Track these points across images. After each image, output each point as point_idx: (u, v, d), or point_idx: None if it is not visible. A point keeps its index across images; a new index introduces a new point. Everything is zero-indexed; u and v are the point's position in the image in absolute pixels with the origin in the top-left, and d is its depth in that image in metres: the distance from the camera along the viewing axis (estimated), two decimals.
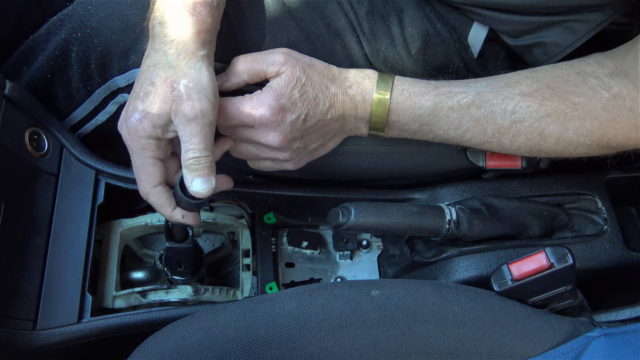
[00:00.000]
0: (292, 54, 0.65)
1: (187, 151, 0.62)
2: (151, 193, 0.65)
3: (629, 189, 0.84)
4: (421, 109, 0.67)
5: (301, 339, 0.59)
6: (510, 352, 0.60)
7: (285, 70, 0.64)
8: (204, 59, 0.62)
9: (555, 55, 0.72)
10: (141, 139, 0.62)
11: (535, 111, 0.65)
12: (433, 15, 0.75)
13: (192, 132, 0.61)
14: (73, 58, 0.73)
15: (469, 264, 0.75)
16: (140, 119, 0.61)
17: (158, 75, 0.61)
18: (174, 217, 0.67)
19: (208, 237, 0.89)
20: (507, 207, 0.75)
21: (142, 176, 0.64)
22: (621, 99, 0.62)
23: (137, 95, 0.62)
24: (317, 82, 0.65)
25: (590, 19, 0.67)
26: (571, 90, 0.64)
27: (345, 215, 0.67)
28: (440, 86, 0.67)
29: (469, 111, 0.66)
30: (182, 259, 0.75)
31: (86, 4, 0.73)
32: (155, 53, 0.62)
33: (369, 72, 0.68)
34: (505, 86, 0.66)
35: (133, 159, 0.64)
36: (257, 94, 0.65)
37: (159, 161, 0.64)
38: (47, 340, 0.65)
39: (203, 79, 0.61)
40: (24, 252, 0.65)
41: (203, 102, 0.61)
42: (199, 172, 0.62)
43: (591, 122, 0.64)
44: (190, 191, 0.63)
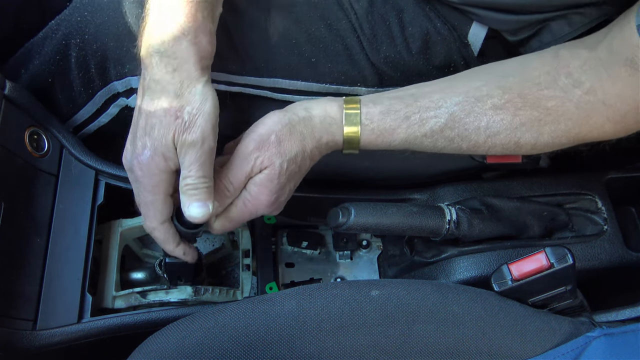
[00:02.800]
0: (262, 143, 0.64)
1: (185, 177, 0.61)
2: (158, 229, 0.65)
3: (629, 189, 0.84)
4: (393, 142, 0.66)
5: (301, 339, 0.59)
6: (510, 352, 0.60)
7: (266, 166, 0.64)
8: (206, 84, 0.62)
9: (549, 43, 0.71)
10: (155, 175, 0.62)
11: (509, 123, 0.64)
12: (433, 15, 0.75)
13: (192, 159, 0.61)
14: (73, 62, 0.73)
15: (469, 264, 0.75)
16: (152, 155, 0.61)
17: (162, 107, 0.60)
18: (177, 252, 0.68)
19: (208, 237, 0.89)
20: (507, 207, 0.75)
21: (150, 212, 0.64)
22: (593, 93, 0.61)
23: (144, 130, 0.61)
24: (295, 155, 0.65)
25: (588, 13, 0.67)
26: (543, 94, 0.63)
27: (345, 215, 0.67)
28: (411, 114, 0.65)
29: (443, 134, 0.65)
30: (182, 272, 0.75)
31: (82, 9, 0.72)
32: (157, 84, 0.61)
33: (333, 110, 0.66)
34: (477, 101, 0.64)
35: (142, 195, 0.63)
36: (247, 196, 0.66)
37: (169, 197, 0.64)
38: (47, 340, 0.64)
39: (206, 105, 0.61)
40: (24, 252, 0.65)
41: (205, 128, 0.60)
42: (196, 197, 0.62)
43: (565, 123, 0.63)
44: (187, 216, 0.62)
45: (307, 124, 0.65)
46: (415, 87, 0.68)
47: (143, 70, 0.62)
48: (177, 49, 0.60)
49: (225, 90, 0.75)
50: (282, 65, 0.74)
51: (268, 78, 0.75)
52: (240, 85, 0.75)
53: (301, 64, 0.74)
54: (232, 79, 0.74)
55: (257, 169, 0.65)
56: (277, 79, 0.75)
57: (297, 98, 0.77)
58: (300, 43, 0.73)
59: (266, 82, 0.75)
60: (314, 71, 0.75)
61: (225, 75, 0.73)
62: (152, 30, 0.61)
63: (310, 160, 0.67)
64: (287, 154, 0.64)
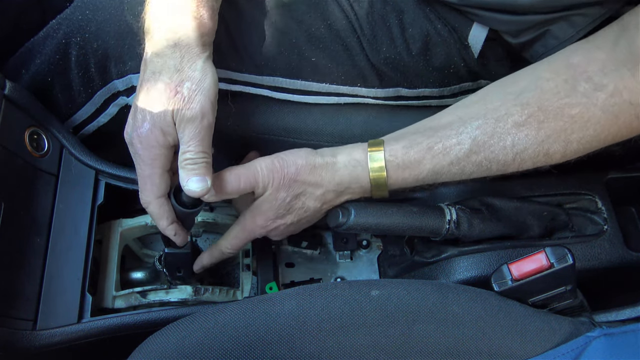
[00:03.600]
0: (280, 170, 0.66)
1: (184, 152, 0.62)
2: (153, 203, 0.65)
3: (629, 189, 0.84)
4: (421, 174, 0.66)
5: (301, 339, 0.59)
6: (510, 352, 0.60)
7: (271, 192, 0.66)
8: (206, 60, 0.62)
9: (554, 48, 0.70)
10: (153, 148, 0.62)
11: (534, 137, 0.63)
12: (433, 16, 0.75)
13: (191, 134, 0.61)
14: (73, 61, 0.73)
15: (469, 264, 0.75)
16: (151, 128, 0.61)
17: (162, 81, 0.61)
18: (168, 231, 0.68)
19: (208, 237, 0.89)
20: (507, 207, 0.75)
21: (147, 185, 0.64)
22: (618, 94, 0.60)
23: (144, 104, 0.62)
24: (302, 192, 0.67)
25: (590, 12, 0.67)
26: (564, 103, 0.62)
27: (345, 215, 0.67)
28: (434, 144, 0.65)
29: (469, 159, 0.65)
30: (181, 264, 0.75)
31: (84, 8, 0.73)
32: (157, 58, 0.62)
33: (358, 154, 0.67)
34: (497, 122, 0.64)
35: (141, 168, 0.64)
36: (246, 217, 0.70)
37: (166, 172, 0.65)
38: (47, 340, 0.65)
39: (206, 80, 0.62)
40: (24, 252, 0.65)
41: (204, 103, 0.61)
42: (195, 172, 0.62)
43: (593, 128, 0.62)
44: (186, 190, 0.63)
45: (330, 168, 0.67)
46: (433, 119, 0.69)
47: (146, 44, 0.63)
48: (179, 22, 0.61)
49: (226, 90, 0.75)
50: (282, 64, 0.74)
51: (268, 77, 0.75)
52: (240, 84, 0.75)
53: (301, 63, 0.74)
54: (232, 75, 0.74)
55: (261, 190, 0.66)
56: (277, 78, 0.75)
57: (298, 98, 0.77)
58: (301, 43, 0.73)
59: (266, 80, 0.75)
60: (314, 71, 0.75)
61: (225, 72, 0.73)
62: (156, 5, 0.62)
63: (323, 203, 0.69)
64: (294, 191, 0.67)
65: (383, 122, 0.80)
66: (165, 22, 0.61)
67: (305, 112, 0.79)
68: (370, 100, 0.80)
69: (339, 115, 0.80)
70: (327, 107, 0.80)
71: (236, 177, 0.65)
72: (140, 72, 0.64)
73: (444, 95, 0.81)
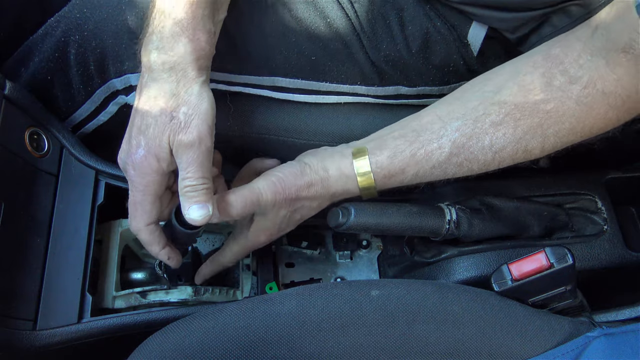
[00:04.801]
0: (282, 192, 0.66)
1: (184, 179, 0.61)
2: (143, 230, 0.65)
3: (629, 189, 0.84)
4: (405, 179, 0.68)
5: (301, 339, 0.59)
6: (510, 352, 0.60)
7: (272, 212, 0.68)
8: (203, 84, 0.62)
9: (548, 36, 0.71)
10: (147, 175, 0.62)
11: (511, 135, 0.64)
12: (433, 14, 0.75)
13: (190, 160, 0.61)
14: (72, 60, 0.73)
15: (469, 264, 0.75)
16: (145, 155, 0.61)
17: (158, 106, 0.60)
18: (161, 255, 0.68)
19: (208, 237, 0.89)
20: (507, 207, 0.75)
21: (138, 212, 0.64)
22: (592, 85, 0.61)
23: (139, 129, 0.61)
24: (300, 207, 0.70)
25: (586, 3, 0.67)
26: (539, 99, 0.63)
27: (345, 215, 0.67)
28: (416, 151, 0.66)
29: (450, 162, 0.66)
30: (182, 273, 0.76)
31: (81, 6, 0.72)
32: (154, 83, 0.61)
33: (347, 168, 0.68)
34: (475, 122, 0.65)
35: (133, 194, 0.64)
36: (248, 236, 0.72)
37: (158, 199, 0.64)
38: (47, 340, 0.64)
39: (202, 105, 0.61)
40: (24, 252, 0.65)
41: (201, 128, 0.61)
42: (196, 199, 0.62)
43: (569, 121, 0.63)
44: (187, 218, 0.62)
45: (325, 184, 0.68)
46: (415, 118, 0.69)
47: (142, 68, 0.63)
48: (175, 46, 0.60)
49: (225, 90, 0.75)
50: (281, 64, 0.74)
51: (267, 77, 0.75)
52: (239, 85, 0.75)
53: (301, 62, 0.74)
54: (232, 78, 0.74)
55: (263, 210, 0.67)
56: (276, 78, 0.75)
57: (297, 97, 0.77)
58: (300, 41, 0.73)
59: (266, 80, 0.75)
60: (314, 70, 0.75)
61: (224, 74, 0.73)
62: (153, 28, 0.61)
63: (318, 209, 0.72)
64: (295, 206, 0.68)
65: (383, 121, 0.80)
66: (162, 46, 0.60)
67: (305, 112, 0.79)
68: (370, 99, 0.80)
69: (339, 115, 0.80)
70: (327, 107, 0.80)
71: (241, 199, 0.65)
72: (136, 96, 0.64)
73: (443, 93, 0.81)
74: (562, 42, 0.64)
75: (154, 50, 0.61)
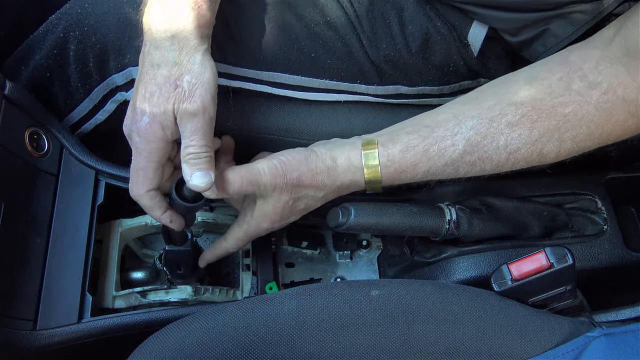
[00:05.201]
0: (283, 175, 0.65)
1: (187, 147, 0.62)
2: (144, 196, 0.65)
3: (629, 189, 0.84)
4: (416, 176, 0.67)
5: (301, 339, 0.59)
6: (510, 352, 0.60)
7: (273, 196, 0.67)
8: (205, 53, 0.62)
9: (553, 47, 0.71)
10: (152, 142, 0.62)
11: (527, 137, 0.63)
12: (433, 14, 0.75)
13: (194, 128, 0.61)
14: (71, 56, 0.73)
15: (469, 264, 0.75)
16: (150, 122, 0.61)
17: (161, 75, 0.61)
18: (163, 219, 0.68)
19: (208, 237, 0.89)
20: (507, 207, 0.75)
21: (140, 178, 0.64)
22: (612, 91, 0.60)
23: (143, 97, 0.62)
24: (304, 195, 0.68)
25: (588, 9, 0.67)
26: (558, 102, 0.62)
27: (345, 215, 0.67)
28: (429, 146, 0.65)
29: (463, 160, 0.65)
30: (182, 261, 0.76)
31: (83, 1, 0.72)
32: (156, 50, 0.61)
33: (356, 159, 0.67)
34: (491, 122, 0.64)
35: (137, 160, 0.64)
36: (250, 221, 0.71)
37: (161, 166, 0.65)
38: (47, 340, 0.65)
39: (205, 74, 0.61)
40: (24, 252, 0.65)
41: (205, 97, 0.61)
42: (199, 166, 0.62)
43: (587, 126, 0.62)
44: (190, 185, 0.63)
45: (331, 173, 0.67)
46: (429, 116, 0.69)
47: (144, 37, 0.63)
48: (177, 13, 0.61)
49: (227, 87, 0.75)
50: (281, 59, 0.74)
51: (267, 72, 0.75)
52: (240, 79, 0.75)
53: (301, 58, 0.74)
54: (232, 70, 0.74)
55: (264, 192, 0.66)
56: (276, 73, 0.75)
57: (298, 94, 0.77)
58: (300, 38, 0.73)
59: (266, 75, 0.75)
60: (314, 66, 0.75)
61: (224, 66, 0.73)
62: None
63: (324, 200, 0.70)
64: (297, 194, 0.67)
65: (383, 121, 0.80)
66: (163, 13, 0.61)
67: (305, 112, 0.79)
68: (370, 97, 0.80)
69: (339, 115, 0.80)
70: (327, 107, 0.80)
71: (239, 178, 0.65)
72: (139, 64, 0.64)
73: (443, 93, 0.81)
74: (579, 50, 0.64)
75: (156, 18, 0.61)
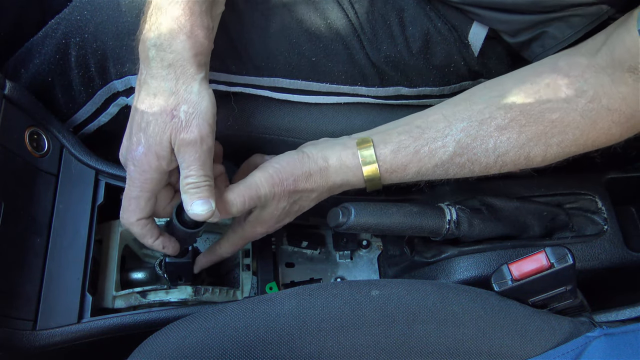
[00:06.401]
0: (280, 183, 0.66)
1: (186, 177, 0.62)
2: (135, 224, 0.65)
3: (629, 189, 0.84)
4: (406, 176, 0.68)
5: (301, 339, 0.59)
6: (510, 352, 0.60)
7: (272, 204, 0.68)
8: (202, 81, 0.62)
9: (551, 49, 0.71)
10: (146, 172, 0.62)
11: (515, 140, 0.65)
12: (433, 14, 0.75)
13: (191, 158, 0.61)
14: (73, 62, 0.73)
15: (469, 264, 0.75)
16: (145, 152, 0.61)
17: (158, 104, 0.60)
18: (155, 246, 0.68)
19: (208, 237, 0.89)
20: (507, 207, 0.75)
21: (132, 206, 0.64)
22: (597, 100, 0.62)
23: (139, 126, 0.61)
24: (300, 198, 0.69)
25: (588, 13, 0.67)
26: (546, 107, 0.64)
27: (345, 215, 0.67)
28: (420, 147, 0.66)
29: (453, 161, 0.66)
30: (182, 273, 0.75)
31: (82, 8, 0.72)
32: (152, 80, 0.61)
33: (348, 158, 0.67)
34: (481, 125, 0.65)
35: (130, 188, 0.64)
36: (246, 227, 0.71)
37: (154, 196, 0.64)
38: (47, 340, 0.64)
39: (202, 103, 0.61)
40: (24, 252, 0.65)
41: (202, 127, 0.61)
42: (198, 195, 0.62)
43: (572, 132, 0.64)
44: (191, 214, 0.63)
45: (324, 174, 0.68)
46: (420, 116, 0.69)
47: (140, 65, 0.63)
48: (173, 42, 0.60)
49: (227, 91, 0.75)
50: (282, 65, 0.74)
51: (268, 77, 0.75)
52: (240, 85, 0.75)
53: (301, 63, 0.74)
54: (232, 78, 0.74)
55: (264, 202, 0.67)
56: (277, 79, 0.75)
57: (298, 98, 0.77)
58: (300, 42, 0.73)
59: (266, 81, 0.75)
60: (314, 70, 0.75)
61: (225, 75, 0.73)
62: (150, 24, 0.61)
63: (317, 200, 0.71)
64: (293, 198, 0.68)
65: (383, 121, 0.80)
66: (159, 42, 0.60)
67: (305, 112, 0.79)
68: (371, 99, 0.80)
69: (339, 115, 0.80)
70: (327, 107, 0.80)
71: (240, 197, 0.65)
72: (135, 93, 0.63)
73: (444, 94, 0.81)
74: (567, 57, 0.65)
75: (152, 47, 0.60)
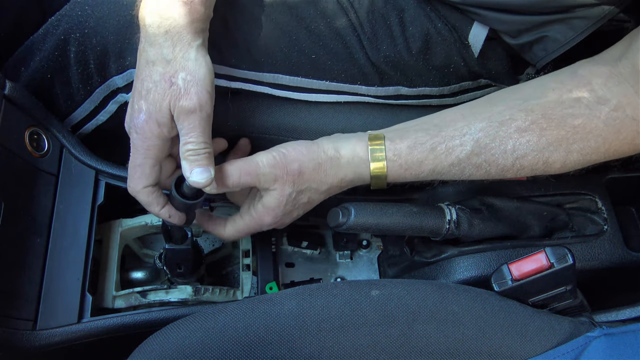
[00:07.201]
0: (283, 166, 0.65)
1: (185, 144, 0.62)
2: (141, 192, 0.66)
3: (629, 189, 0.84)
4: (421, 173, 0.67)
5: (301, 339, 0.59)
6: (510, 352, 0.60)
7: (276, 188, 0.66)
8: (199, 49, 0.62)
9: (554, 52, 0.71)
10: (148, 139, 0.62)
11: (535, 144, 0.63)
12: (434, 15, 0.75)
13: (191, 126, 0.61)
14: (72, 58, 0.73)
15: (469, 264, 0.75)
16: (146, 120, 0.62)
17: (157, 72, 0.61)
18: (162, 214, 0.68)
19: (208, 237, 0.89)
20: (507, 207, 0.75)
21: (137, 174, 0.65)
22: (621, 109, 0.61)
23: (140, 94, 0.62)
24: (307, 188, 0.68)
25: (589, 15, 0.67)
26: (568, 113, 0.63)
27: (345, 215, 0.67)
28: (437, 145, 0.65)
29: (470, 161, 0.65)
30: (182, 260, 0.75)
31: (83, 4, 0.73)
32: (150, 47, 0.61)
33: (362, 150, 0.66)
34: (501, 125, 0.64)
35: (134, 156, 0.64)
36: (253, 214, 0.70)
37: (159, 163, 0.65)
38: (47, 340, 0.65)
39: (200, 71, 0.61)
40: (24, 252, 0.65)
41: (201, 95, 0.61)
42: (198, 163, 0.62)
43: (594, 140, 0.63)
44: (190, 182, 0.63)
45: (334, 164, 0.67)
46: (438, 116, 0.69)
47: (140, 34, 0.63)
48: (169, 9, 0.61)
49: (226, 87, 0.75)
50: (282, 61, 0.74)
51: (268, 73, 0.75)
52: (240, 80, 0.75)
53: (301, 60, 0.74)
54: (233, 72, 0.74)
55: (265, 185, 0.66)
56: (277, 75, 0.75)
57: (298, 95, 0.77)
58: (301, 40, 0.73)
59: (266, 77, 0.75)
60: (315, 68, 0.75)
61: (225, 68, 0.73)
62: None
63: (327, 194, 0.70)
64: (300, 186, 0.67)
65: (383, 121, 0.80)
66: (157, 9, 0.61)
67: (305, 112, 0.79)
68: (371, 99, 0.80)
69: (339, 115, 0.80)
70: (327, 107, 0.80)
71: (237, 171, 0.65)
72: (137, 61, 0.64)
73: (444, 94, 0.81)
74: (588, 65, 0.64)
75: (149, 14, 0.61)
